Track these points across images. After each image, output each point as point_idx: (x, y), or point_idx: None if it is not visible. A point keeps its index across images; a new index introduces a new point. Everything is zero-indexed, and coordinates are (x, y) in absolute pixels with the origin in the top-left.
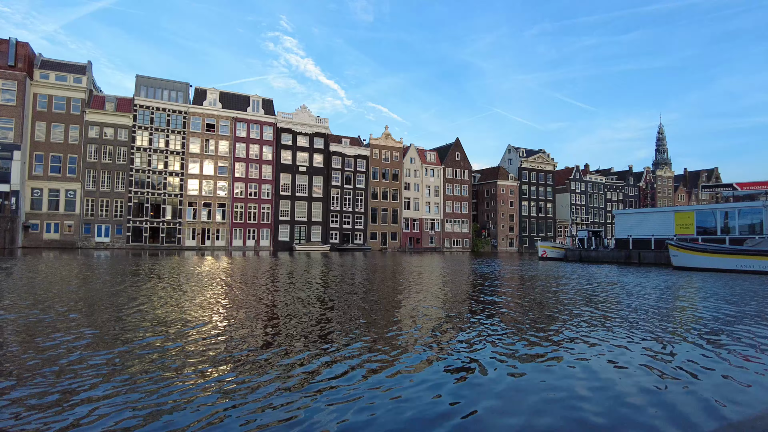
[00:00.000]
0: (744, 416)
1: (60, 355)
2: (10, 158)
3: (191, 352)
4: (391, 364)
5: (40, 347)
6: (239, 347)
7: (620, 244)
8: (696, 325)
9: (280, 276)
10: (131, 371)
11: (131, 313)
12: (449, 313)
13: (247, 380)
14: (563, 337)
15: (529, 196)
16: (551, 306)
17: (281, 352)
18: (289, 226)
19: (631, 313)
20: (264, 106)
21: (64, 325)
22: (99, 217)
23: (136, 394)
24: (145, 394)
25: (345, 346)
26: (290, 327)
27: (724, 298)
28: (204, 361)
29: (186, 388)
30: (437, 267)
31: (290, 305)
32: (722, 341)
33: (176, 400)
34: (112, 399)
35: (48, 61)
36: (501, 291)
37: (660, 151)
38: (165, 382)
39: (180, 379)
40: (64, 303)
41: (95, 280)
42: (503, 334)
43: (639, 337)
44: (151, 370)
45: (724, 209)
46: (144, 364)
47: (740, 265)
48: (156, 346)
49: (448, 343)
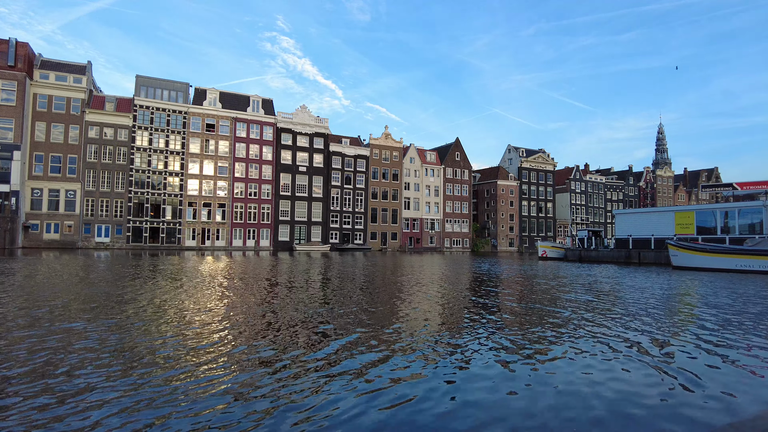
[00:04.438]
0: (744, 416)
1: (62, 356)
2: (10, 158)
3: (193, 353)
4: (392, 363)
5: (40, 348)
6: (241, 347)
7: (620, 244)
8: (696, 325)
9: (281, 276)
10: (135, 372)
11: (132, 312)
12: (450, 314)
13: (247, 380)
14: (564, 337)
15: (529, 196)
16: (551, 306)
17: (282, 353)
18: (289, 226)
19: (631, 313)
20: (264, 106)
21: (64, 324)
22: (99, 218)
23: (139, 395)
24: (147, 394)
25: (345, 348)
26: (291, 327)
27: (724, 298)
28: (209, 361)
29: (189, 388)
30: (437, 267)
31: (291, 305)
32: (722, 341)
33: (178, 400)
34: (115, 401)
35: (48, 62)
36: (501, 291)
37: (660, 150)
38: (167, 381)
39: (182, 380)
40: (65, 302)
41: (96, 280)
42: (503, 334)
43: (638, 338)
44: (154, 372)
45: (724, 209)
46: (146, 365)
47: (740, 265)
48: (157, 346)
49: (448, 343)
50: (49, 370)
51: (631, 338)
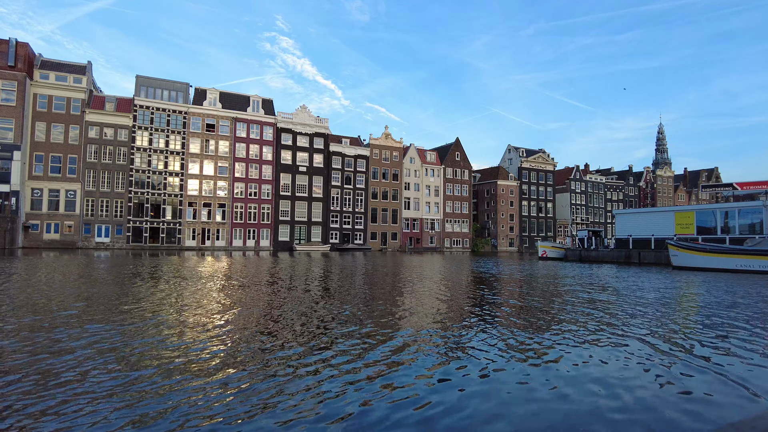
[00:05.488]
0: (744, 416)
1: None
2: (10, 158)
3: (194, 353)
4: (392, 363)
5: (41, 349)
6: (243, 347)
7: (620, 244)
8: (695, 325)
9: (282, 276)
10: (138, 373)
11: (134, 313)
12: (450, 314)
13: (249, 380)
14: (563, 337)
15: (529, 195)
16: (551, 306)
17: (283, 353)
18: (289, 226)
19: (631, 314)
20: (264, 106)
21: (64, 326)
22: (99, 218)
23: (139, 396)
24: (147, 394)
25: (346, 351)
26: (292, 328)
27: (724, 298)
28: (210, 361)
29: (189, 389)
30: (437, 267)
31: (292, 306)
32: (721, 341)
33: (180, 400)
34: (118, 402)
35: (48, 62)
36: (501, 291)
37: (660, 150)
38: (169, 383)
39: (185, 379)
40: (65, 303)
41: (97, 280)
42: (503, 334)
43: (638, 338)
44: (154, 371)
45: (724, 209)
46: (146, 366)
47: (740, 265)
48: (157, 347)
49: (449, 343)
50: (49, 370)
51: (630, 338)
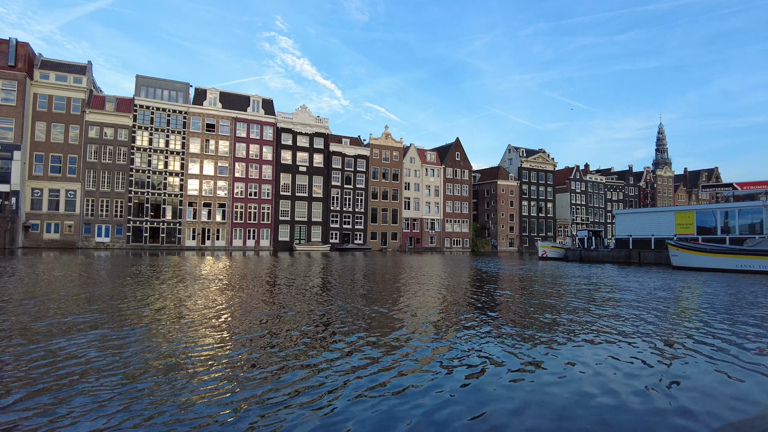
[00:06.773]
0: (744, 416)
1: (64, 359)
2: (10, 158)
3: (195, 354)
4: (392, 363)
5: (41, 350)
6: (244, 347)
7: (620, 244)
8: (696, 325)
9: (282, 276)
10: (141, 375)
11: (134, 313)
12: (450, 314)
13: (249, 381)
14: (563, 337)
15: (529, 195)
16: (551, 306)
17: (284, 353)
18: (289, 226)
19: (631, 314)
20: (264, 106)
21: (66, 326)
22: (99, 217)
23: (140, 395)
24: (148, 395)
25: (346, 351)
26: (292, 328)
27: (724, 298)
28: (211, 361)
29: (191, 389)
30: (437, 267)
31: (291, 306)
32: (722, 342)
33: (180, 400)
34: (118, 402)
35: (48, 61)
36: (501, 291)
37: (660, 150)
38: (170, 382)
39: (185, 379)
40: (66, 303)
41: (98, 280)
42: (503, 334)
43: (638, 338)
44: (153, 373)
45: (724, 209)
46: (146, 366)
47: (740, 265)
48: (156, 346)
49: (449, 344)
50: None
51: (630, 338)
